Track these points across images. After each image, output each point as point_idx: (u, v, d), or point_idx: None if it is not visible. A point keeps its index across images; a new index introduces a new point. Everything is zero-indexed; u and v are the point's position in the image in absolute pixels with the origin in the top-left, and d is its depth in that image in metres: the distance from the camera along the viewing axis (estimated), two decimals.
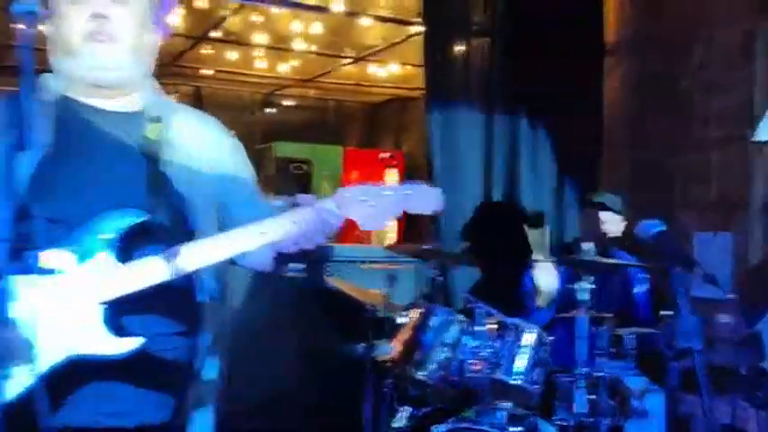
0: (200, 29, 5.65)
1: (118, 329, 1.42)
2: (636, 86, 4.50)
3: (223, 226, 1.61)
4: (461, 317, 3.20)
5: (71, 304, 1.41)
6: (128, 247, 1.44)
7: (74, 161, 1.54)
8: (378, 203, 1.54)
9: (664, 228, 2.34)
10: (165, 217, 1.55)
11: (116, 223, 1.44)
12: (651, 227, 2.34)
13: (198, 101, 8.28)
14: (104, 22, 1.55)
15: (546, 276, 3.57)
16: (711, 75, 3.96)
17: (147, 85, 1.70)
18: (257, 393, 3.85)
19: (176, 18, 4.20)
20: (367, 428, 3.38)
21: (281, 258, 1.65)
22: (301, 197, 1.58)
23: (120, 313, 1.42)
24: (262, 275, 3.97)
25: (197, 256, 1.48)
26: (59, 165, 1.53)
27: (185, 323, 1.61)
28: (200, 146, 1.69)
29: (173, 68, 7.01)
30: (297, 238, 1.54)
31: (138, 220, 1.48)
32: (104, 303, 1.43)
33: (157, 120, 1.64)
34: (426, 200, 1.57)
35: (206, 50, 6.39)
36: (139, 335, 1.45)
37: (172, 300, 1.55)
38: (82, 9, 1.55)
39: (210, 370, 1.69)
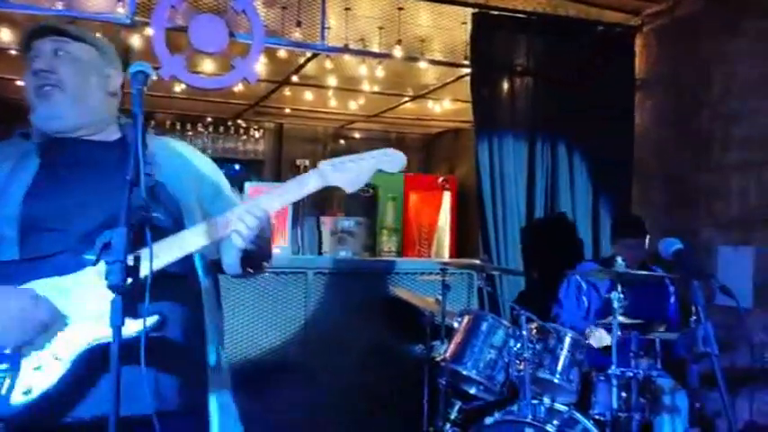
0: (282, 75, 5.79)
1: (132, 314, 1.34)
2: (663, 116, 4.43)
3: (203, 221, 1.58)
4: (507, 322, 3.20)
5: (88, 296, 1.38)
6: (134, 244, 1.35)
7: (66, 181, 1.54)
8: (353, 170, 1.56)
9: (681, 245, 2.30)
10: (165, 219, 1.56)
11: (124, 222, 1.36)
12: (670, 245, 2.31)
13: (280, 135, 8.48)
14: (48, 75, 1.57)
15: (588, 285, 3.54)
16: (731, 106, 3.89)
17: (115, 120, 1.70)
18: (331, 384, 3.92)
19: (262, 67, 4.33)
20: (424, 419, 3.40)
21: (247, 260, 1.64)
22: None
23: (134, 299, 1.33)
24: (337, 286, 4.07)
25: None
26: (59, 184, 1.54)
27: (191, 308, 1.60)
28: (181, 161, 1.71)
29: (258, 108, 7.20)
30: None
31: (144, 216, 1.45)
32: (119, 291, 1.37)
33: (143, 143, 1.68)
34: (393, 161, 1.60)
35: (287, 92, 6.53)
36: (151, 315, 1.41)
37: (178, 287, 1.55)
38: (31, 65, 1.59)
39: (217, 356, 1.66)
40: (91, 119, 1.64)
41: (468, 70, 4.59)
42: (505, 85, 4.39)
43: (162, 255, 1.43)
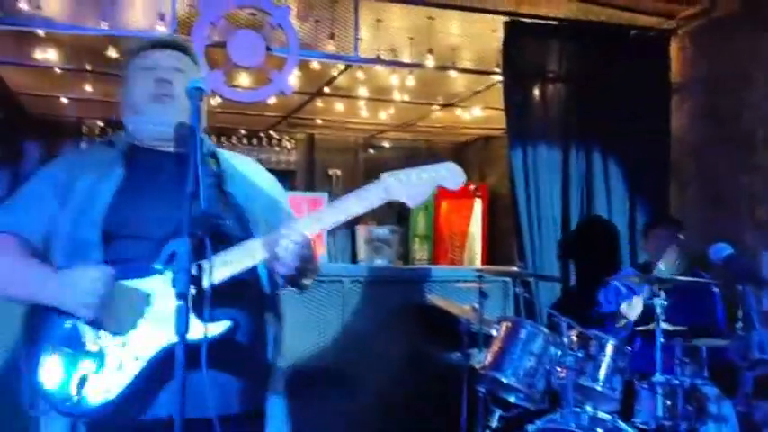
0: (315, 86, 5.82)
1: (205, 317, 1.39)
2: (701, 119, 4.34)
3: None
4: (546, 329, 3.15)
5: (164, 300, 1.41)
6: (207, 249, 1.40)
7: (150, 191, 1.59)
8: (417, 185, 1.55)
9: (732, 250, 2.24)
10: (235, 227, 1.60)
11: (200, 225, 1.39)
12: (722, 250, 2.25)
13: (311, 145, 8.53)
14: (168, 86, 1.62)
15: (624, 294, 3.47)
16: None
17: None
18: (369, 392, 3.90)
19: (295, 79, 4.36)
20: (463, 428, 3.36)
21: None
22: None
23: (206, 303, 1.38)
24: (374, 294, 4.06)
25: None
26: (141, 193, 1.58)
27: (258, 314, 1.61)
28: (247, 174, 1.75)
29: (291, 120, 7.25)
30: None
31: (217, 222, 1.52)
32: (192, 295, 1.40)
33: (213, 155, 1.72)
34: (454, 176, 1.58)
35: (319, 104, 6.57)
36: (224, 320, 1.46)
37: (246, 293, 1.57)
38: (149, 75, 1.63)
39: (278, 358, 1.68)
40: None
41: (499, 78, 4.56)
42: (538, 92, 4.35)
43: (234, 262, 1.47)
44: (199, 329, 1.35)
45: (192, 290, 1.36)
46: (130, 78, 1.67)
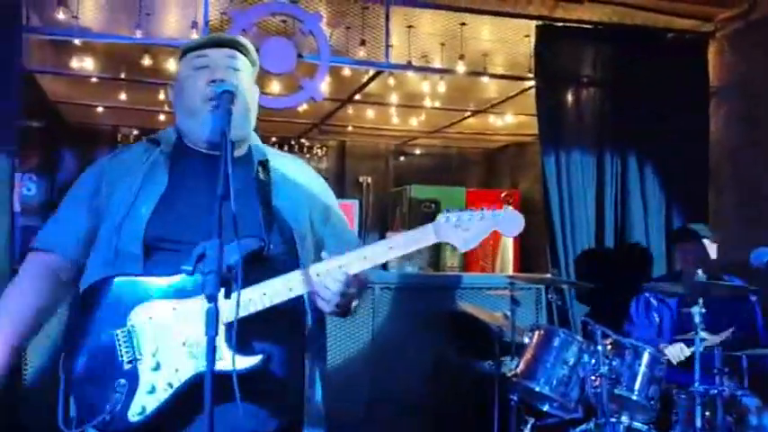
0: (346, 93, 5.86)
1: (239, 348, 1.37)
2: (739, 123, 4.25)
3: (317, 259, 1.52)
4: (580, 337, 3.11)
5: (198, 325, 1.33)
6: (248, 272, 1.34)
7: (193, 198, 1.53)
8: (471, 228, 1.49)
9: None
10: (279, 245, 1.53)
11: (237, 250, 1.34)
12: (764, 255, 2.20)
13: (342, 152, 8.58)
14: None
15: (659, 302, 3.41)
16: None
17: (252, 135, 1.68)
18: (400, 399, 3.88)
19: (326, 86, 4.39)
20: None
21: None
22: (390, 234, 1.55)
23: (241, 333, 1.34)
24: (404, 300, 4.05)
25: (312, 278, 1.44)
26: (181, 200, 1.53)
27: (296, 345, 1.57)
28: (300, 185, 1.67)
29: (322, 126, 7.30)
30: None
31: (257, 248, 1.45)
32: (227, 324, 1.38)
33: (265, 163, 1.63)
34: (512, 223, 1.52)
35: (349, 110, 6.61)
36: (258, 354, 1.43)
37: (285, 323, 1.52)
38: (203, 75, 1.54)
39: (317, 392, 1.63)
40: (245, 133, 1.64)
41: (531, 83, 4.53)
42: (571, 97, 4.31)
43: (269, 293, 1.43)
44: (231, 361, 1.33)
45: (227, 319, 1.34)
46: (184, 78, 1.59)
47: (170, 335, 1.43)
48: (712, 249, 3.38)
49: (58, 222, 1.62)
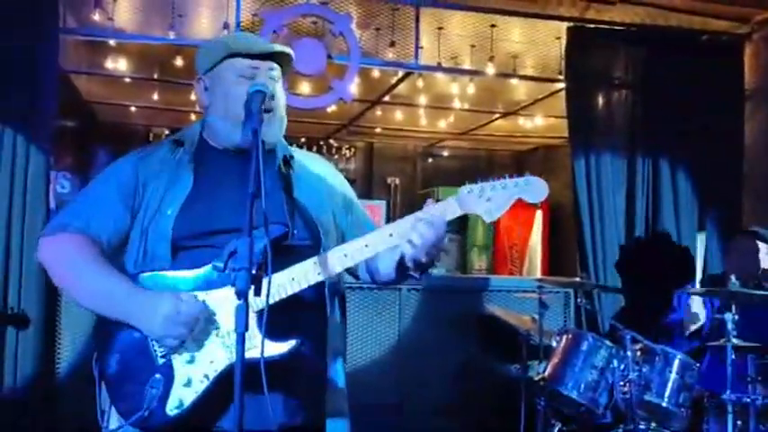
0: (375, 94, 5.89)
1: (270, 335, 1.38)
2: None
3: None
4: (609, 342, 3.08)
5: (230, 317, 1.34)
6: (275, 261, 1.34)
7: (219, 196, 1.55)
8: (494, 198, 1.48)
9: None
10: (303, 232, 1.55)
11: (264, 236, 1.33)
12: None
13: (370, 154, 8.61)
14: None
15: (691, 307, 3.37)
16: None
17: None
18: (425, 401, 3.89)
19: (355, 87, 4.42)
20: None
21: (402, 271, 1.57)
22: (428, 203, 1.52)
23: (272, 322, 1.35)
24: (431, 302, 4.06)
25: (340, 258, 1.47)
26: (207, 199, 1.54)
27: (321, 337, 1.59)
28: (322, 179, 1.69)
29: (351, 128, 7.34)
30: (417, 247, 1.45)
31: (280, 234, 1.47)
32: (259, 311, 1.39)
33: (290, 158, 1.66)
34: (536, 190, 1.51)
35: (378, 112, 6.63)
36: (289, 340, 1.44)
37: (311, 314, 1.55)
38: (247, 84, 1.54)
39: (339, 383, 1.65)
40: (277, 141, 1.66)
41: (562, 85, 4.50)
42: (602, 99, 4.28)
43: (299, 278, 1.46)
44: (266, 347, 1.35)
45: (257, 305, 1.36)
46: (224, 79, 1.60)
47: (202, 326, 1.45)
48: (764, 256, 3.32)
49: (85, 209, 1.60)
